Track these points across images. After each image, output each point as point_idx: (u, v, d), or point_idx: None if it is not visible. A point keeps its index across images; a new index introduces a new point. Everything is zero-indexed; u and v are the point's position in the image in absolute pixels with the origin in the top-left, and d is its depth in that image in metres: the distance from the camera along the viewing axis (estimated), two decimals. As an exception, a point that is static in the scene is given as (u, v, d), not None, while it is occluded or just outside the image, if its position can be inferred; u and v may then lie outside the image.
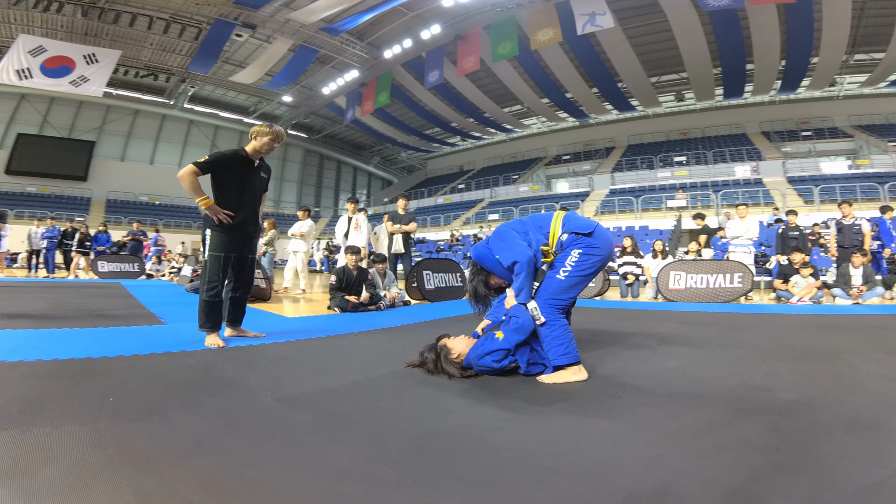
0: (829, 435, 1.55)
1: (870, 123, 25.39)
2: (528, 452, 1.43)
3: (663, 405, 1.93)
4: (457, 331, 4.01)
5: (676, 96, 28.38)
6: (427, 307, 6.30)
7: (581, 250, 2.36)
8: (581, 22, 18.43)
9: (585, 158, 32.11)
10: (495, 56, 20.91)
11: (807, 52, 20.68)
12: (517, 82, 25.69)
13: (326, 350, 3.07)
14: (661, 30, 21.11)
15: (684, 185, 21.72)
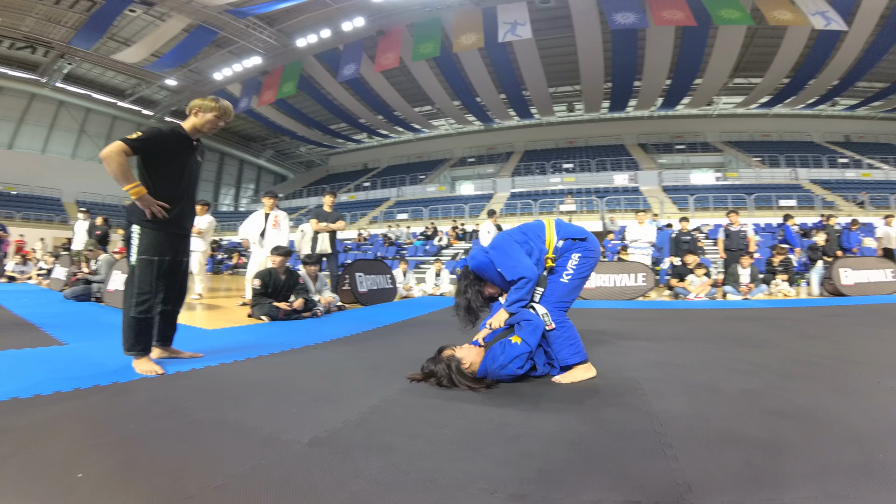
0: (823, 398, 2.07)
1: (738, 140, 29.79)
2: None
3: (686, 391, 2.20)
4: (423, 334, 3.91)
5: (568, 107, 30.58)
6: (366, 311, 5.94)
7: (580, 254, 2.49)
8: (503, 30, 19.08)
9: (488, 162, 33.23)
10: (416, 55, 20.75)
11: (693, 74, 23.65)
12: (432, 83, 25.74)
13: (297, 370, 2.64)
14: (567, 44, 22.53)
15: (571, 191, 23.38)
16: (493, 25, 19.20)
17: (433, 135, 35.43)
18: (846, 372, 2.51)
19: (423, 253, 17.15)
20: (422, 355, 2.88)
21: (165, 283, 2.68)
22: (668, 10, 17.75)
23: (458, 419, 1.79)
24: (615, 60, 22.77)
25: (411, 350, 3.22)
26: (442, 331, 4.13)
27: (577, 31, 20.95)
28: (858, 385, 2.24)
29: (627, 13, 17.92)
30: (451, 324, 4.46)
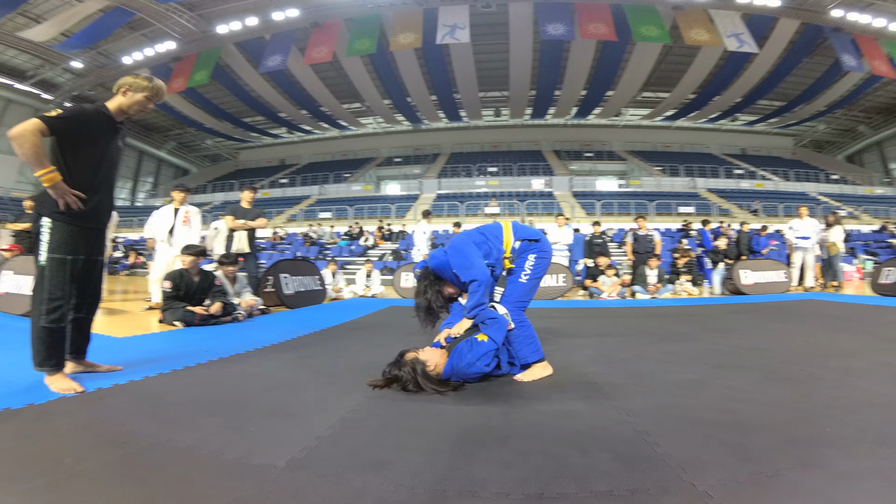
0: (759, 384, 2.29)
1: (641, 150, 32.35)
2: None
3: (637, 383, 2.34)
4: (369, 337, 3.81)
5: (495, 112, 31.53)
6: (294, 315, 5.61)
7: (536, 255, 2.55)
8: (442, 32, 19.09)
9: (415, 162, 33.19)
10: (351, 50, 20.18)
11: (607, 86, 25.35)
12: (364, 80, 25.16)
13: (239, 382, 2.35)
14: (501, 50, 23.15)
15: (495, 194, 24.06)
16: (433, 27, 19.25)
17: (360, 133, 34.67)
18: (768, 361, 2.80)
19: (349, 253, 16.68)
20: (374, 360, 2.78)
21: (78, 287, 2.32)
22: (593, 23, 18.97)
23: (439, 425, 1.72)
24: (541, 69, 23.87)
25: (361, 355, 3.08)
26: (388, 333, 4.02)
27: (511, 38, 21.63)
28: (784, 372, 2.51)
29: (558, 24, 18.90)
30: (397, 326, 4.44)
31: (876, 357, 2.83)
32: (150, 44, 22.12)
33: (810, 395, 2.04)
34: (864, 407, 1.88)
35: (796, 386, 2.21)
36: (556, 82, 25.14)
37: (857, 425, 1.66)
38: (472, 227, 11.60)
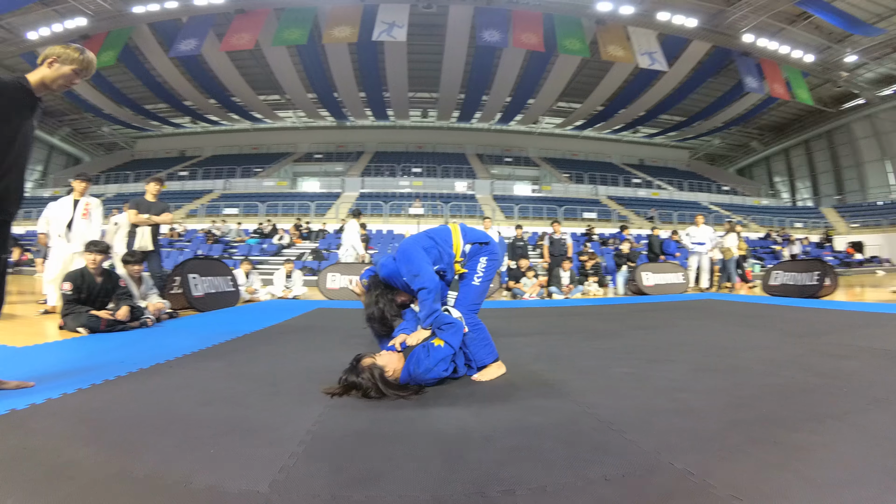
0: (693, 375, 2.48)
1: (553, 157, 34.00)
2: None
3: (585, 378, 2.49)
4: (301, 342, 3.64)
5: (423, 113, 31.64)
6: (207, 319, 5.17)
7: (487, 257, 2.60)
8: (380, 29, 18.82)
9: (337, 160, 32.24)
10: (277, 40, 19.30)
11: (529, 94, 26.46)
12: (288, 72, 24.01)
13: (174, 396, 2.09)
14: (435, 52, 23.28)
15: (419, 195, 24.13)
16: (371, 23, 18.96)
17: (276, 126, 33.00)
18: (693, 355, 3.07)
19: (260, 252, 15.83)
20: (315, 366, 2.69)
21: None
22: (525, 34, 19.82)
23: (416, 430, 1.68)
24: (472, 74, 24.48)
25: (300, 361, 2.92)
26: (323, 337, 3.86)
27: (447, 41, 21.86)
28: (711, 364, 2.77)
29: (494, 31, 19.56)
30: (331, 329, 4.28)
31: (788, 349, 3.22)
32: (60, 19, 19.76)
33: (742, 384, 2.29)
34: (795, 392, 2.13)
35: (726, 376, 2.47)
36: (485, 88, 25.91)
37: (793, 407, 1.89)
38: (397, 227, 11.67)
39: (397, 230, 19.23)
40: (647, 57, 20.80)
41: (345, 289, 8.29)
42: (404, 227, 19.72)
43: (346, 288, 8.29)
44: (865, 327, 4.11)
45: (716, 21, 20.53)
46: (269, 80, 25.61)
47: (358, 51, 21.96)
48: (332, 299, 8.04)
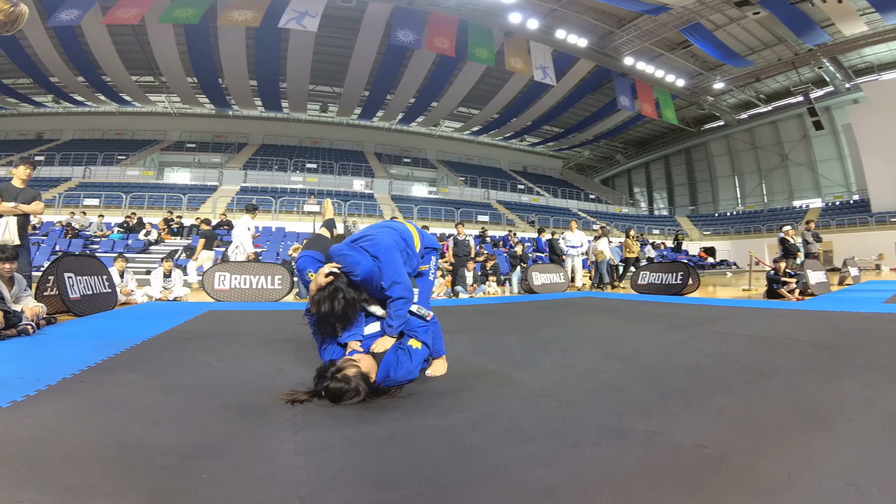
0: (609, 360, 2.71)
1: (450, 160, 34.76)
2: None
3: (524, 368, 2.67)
4: (220, 348, 3.39)
5: (322, 107, 30.27)
6: (89, 324, 4.51)
7: (434, 256, 2.74)
8: (289, 17, 17.60)
9: (214, 150, 29.59)
10: (166, 17, 17.27)
11: (433, 97, 26.87)
12: (169, 52, 21.41)
13: (119, 418, 1.77)
14: (345, 46, 22.52)
15: (314, 191, 23.27)
16: (279, 9, 17.73)
17: (143, 111, 29.31)
18: (599, 344, 3.47)
19: (126, 248, 14.09)
20: (249, 374, 2.52)
21: None
22: (439, 38, 20.07)
23: (405, 428, 1.66)
24: (380, 72, 24.10)
25: (227, 369, 2.65)
26: (234, 342, 3.49)
27: (360, 36, 21.29)
28: (617, 351, 3.15)
29: (409, 32, 19.48)
30: (239, 334, 4.02)
31: (672, 337, 3.75)
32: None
33: (648, 366, 2.68)
34: (695, 370, 2.55)
35: (632, 360, 2.85)
36: (391, 87, 25.80)
37: (699, 381, 2.28)
38: (288, 225, 11.10)
39: (288, 227, 18.30)
40: (541, 71, 22.42)
41: (235, 289, 7.73)
42: (296, 225, 18.86)
43: (237, 289, 7.74)
44: (730, 318, 4.92)
45: (603, 42, 22.82)
46: (147, 59, 22.99)
47: (257, 37, 20.54)
48: (220, 300, 7.43)
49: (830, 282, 10.02)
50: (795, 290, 7.69)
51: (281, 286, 7.87)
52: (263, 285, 7.82)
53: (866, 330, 3.85)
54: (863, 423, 1.66)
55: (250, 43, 21.24)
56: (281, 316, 5.32)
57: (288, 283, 7.98)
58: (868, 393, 2.03)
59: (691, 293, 9.10)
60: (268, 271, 7.99)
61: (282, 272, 8.04)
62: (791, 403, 1.90)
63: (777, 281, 7.80)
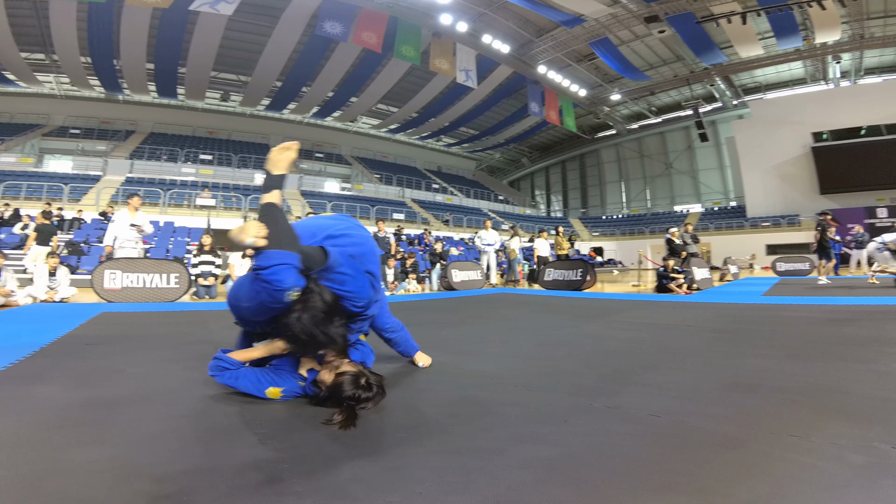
0: (544, 347, 2.88)
1: (365, 157, 34.20)
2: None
3: (473, 357, 2.78)
4: (118, 353, 3.05)
5: (223, 96, 28.11)
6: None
7: None
8: (202, 0, 16.14)
9: (99, 137, 26.26)
10: None
11: (354, 92, 26.21)
12: (67, 29, 18.66)
13: (45, 434, 1.59)
14: (261, 33, 21.18)
15: (207, 184, 21.70)
16: None
17: (27, 91, 25.00)
18: (531, 335, 3.72)
19: None
20: (175, 383, 2.20)
21: None
22: (367, 32, 19.52)
23: (404, 413, 1.74)
24: (298, 63, 22.99)
25: (152, 378, 2.34)
26: (154, 347, 3.15)
27: (281, 24, 20.09)
28: (548, 339, 3.44)
29: (336, 24, 18.71)
30: (155, 337, 3.68)
31: (588, 327, 4.15)
32: None
33: (579, 352, 2.96)
34: (619, 354, 2.87)
35: (562, 347, 3.13)
36: (308, 79, 24.74)
37: (628, 363, 2.58)
38: (178, 219, 10.26)
39: (178, 222, 16.86)
40: (464, 73, 22.92)
41: (128, 289, 7.03)
42: (186, 220, 17.50)
43: (130, 288, 7.06)
44: (630, 310, 5.48)
45: (522, 50, 23.91)
46: (42, 36, 20.07)
47: (163, 17, 18.52)
48: (111, 301, 6.73)
49: (713, 278, 11.42)
50: (683, 285, 8.68)
51: (178, 285, 7.31)
52: (158, 284, 7.21)
53: (752, 317, 4.53)
54: (776, 387, 2.01)
55: (154, 24, 19.24)
56: (183, 317, 4.95)
57: (185, 282, 7.43)
58: (769, 364, 2.46)
59: (589, 288, 9.90)
60: (163, 269, 7.37)
61: (178, 269, 7.48)
62: (712, 376, 2.23)
63: (666, 276, 8.75)
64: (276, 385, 1.84)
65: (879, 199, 24.15)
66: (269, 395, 1.84)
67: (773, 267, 15.35)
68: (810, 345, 3.02)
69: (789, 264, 14.79)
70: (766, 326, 3.89)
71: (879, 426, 1.50)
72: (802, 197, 26.18)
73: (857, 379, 2.11)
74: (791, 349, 2.87)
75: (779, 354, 2.72)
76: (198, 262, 8.77)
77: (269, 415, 1.72)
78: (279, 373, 1.88)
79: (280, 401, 1.85)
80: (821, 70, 26.16)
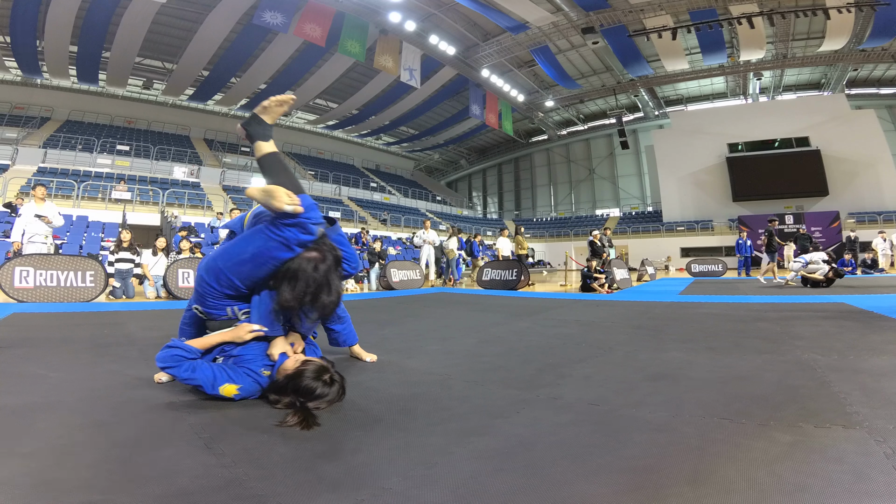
0: (488, 343, 2.98)
1: (298, 153, 33.44)
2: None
3: (424, 353, 2.83)
4: (39, 357, 2.84)
5: (146, 83, 25.92)
6: None
7: None
8: None
9: (10, 123, 23.29)
10: None
11: (289, 86, 24.70)
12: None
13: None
14: (193, 20, 19.89)
15: (124, 177, 20.13)
16: None
17: None
18: (464, 332, 3.88)
19: None
20: (99, 387, 2.06)
21: None
22: (310, 24, 18.75)
23: (377, 404, 1.71)
24: (228, 53, 21.82)
25: (74, 382, 2.16)
26: (62, 352, 2.90)
27: (215, 11, 18.92)
28: (483, 337, 3.59)
29: (278, 14, 17.80)
30: (70, 340, 3.40)
31: (521, 324, 4.33)
32: None
33: (516, 348, 3.13)
34: (551, 348, 3.06)
35: (499, 344, 3.29)
36: (237, 70, 23.50)
37: (560, 357, 2.77)
38: (92, 213, 9.61)
39: (93, 216, 15.54)
40: (408, 72, 22.75)
41: (41, 288, 6.44)
42: (101, 213, 16.17)
43: (43, 287, 6.47)
44: (558, 308, 5.77)
45: (468, 53, 24.16)
46: None
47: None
48: (22, 301, 6.12)
49: (631, 278, 12.20)
50: (605, 285, 9.22)
51: (94, 283, 6.80)
52: (73, 283, 6.66)
53: (670, 314, 4.89)
54: (697, 376, 2.21)
55: (84, 5, 17.59)
56: (100, 318, 4.64)
57: (102, 281, 6.89)
58: (689, 357, 2.69)
59: (522, 288, 10.27)
60: (78, 266, 6.80)
61: (94, 267, 6.94)
62: (637, 368, 2.44)
63: (590, 276, 9.26)
64: (232, 382, 1.76)
65: (787, 207, 26.51)
66: (223, 392, 1.74)
67: (687, 268, 16.61)
68: (725, 338, 3.26)
69: (703, 266, 16.07)
70: (684, 322, 4.21)
71: (799, 410, 1.65)
72: (716, 203, 28.23)
73: (770, 368, 2.31)
74: (707, 342, 3.10)
75: (697, 347, 2.94)
76: (115, 259, 8.13)
77: (209, 417, 1.65)
78: (236, 370, 1.80)
79: (231, 399, 1.77)
80: (741, 85, 28.62)
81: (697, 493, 1.06)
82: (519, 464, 1.27)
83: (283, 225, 1.78)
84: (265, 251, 1.79)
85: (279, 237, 1.78)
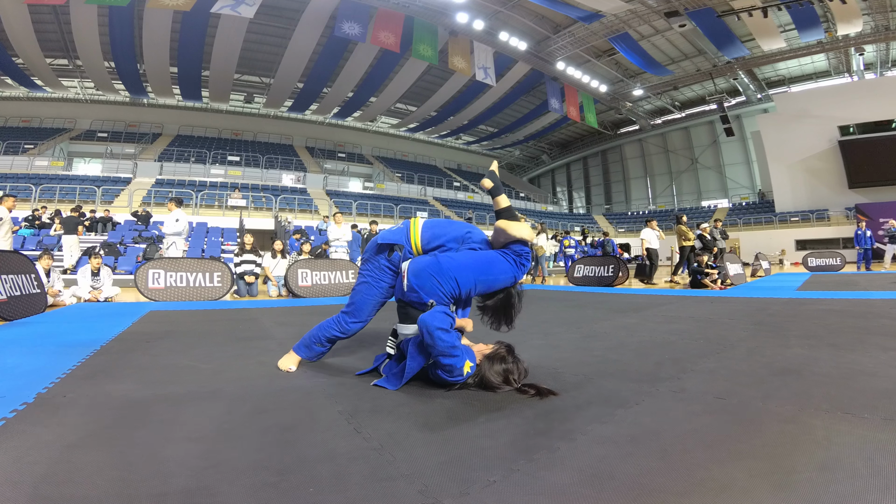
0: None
1: (386, 156, 34.57)
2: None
3: (537, 349, 2.73)
4: (182, 348, 3.10)
5: (247, 98, 28.67)
6: (30, 328, 4.03)
7: None
8: (224, 3, 16.45)
9: (127, 140, 27.11)
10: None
11: (373, 92, 26.53)
12: (90, 34, 19.30)
13: (136, 434, 1.62)
14: (281, 35, 21.57)
15: (237, 185, 22.20)
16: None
17: (53, 96, 26.20)
18: (567, 327, 3.83)
19: (37, 246, 12.79)
20: (253, 377, 2.22)
21: None
22: (384, 32, 19.73)
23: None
24: (318, 64, 23.30)
25: (226, 373, 2.34)
26: (206, 345, 3.19)
27: (300, 26, 20.43)
28: (587, 332, 3.56)
29: (354, 24, 18.91)
30: (209, 333, 3.76)
31: (626, 320, 4.20)
32: None
33: (626, 342, 3.07)
34: (667, 343, 2.96)
35: (608, 338, 3.24)
36: (328, 80, 25.06)
37: (678, 351, 2.71)
38: (211, 220, 10.46)
39: (211, 223, 17.19)
40: (483, 71, 22.89)
41: (171, 288, 7.27)
42: (219, 220, 17.89)
43: (174, 287, 7.30)
44: (666, 304, 5.47)
45: (540, 47, 23.72)
46: (64, 41, 20.81)
47: (184, 21, 18.98)
48: (155, 300, 6.96)
49: (745, 274, 11.23)
50: (718, 280, 8.58)
51: (220, 283, 7.49)
52: (202, 283, 7.42)
53: (789, 311, 4.52)
54: (820, 371, 2.12)
55: (175, 28, 19.66)
56: (231, 315, 5.00)
57: (228, 281, 7.59)
58: (812, 353, 2.54)
59: (620, 284, 9.82)
60: (205, 268, 7.58)
61: (221, 269, 7.64)
62: (761, 364, 2.32)
63: (701, 272, 8.66)
64: (472, 361, 2.00)
65: (911, 192, 23.22)
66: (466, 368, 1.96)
67: (804, 262, 15.00)
68: (847, 335, 3.09)
69: (820, 259, 14.46)
70: (804, 319, 3.90)
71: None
72: (830, 191, 25.36)
73: (893, 364, 2.23)
74: (830, 339, 2.95)
75: (819, 344, 2.80)
76: (240, 261, 8.97)
77: (352, 405, 1.81)
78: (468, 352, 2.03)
79: (453, 380, 1.95)
80: (844, 62, 25.26)
81: (825, 478, 1.12)
82: (649, 449, 1.30)
83: (516, 254, 2.29)
84: (507, 274, 2.25)
85: (516, 260, 2.28)
